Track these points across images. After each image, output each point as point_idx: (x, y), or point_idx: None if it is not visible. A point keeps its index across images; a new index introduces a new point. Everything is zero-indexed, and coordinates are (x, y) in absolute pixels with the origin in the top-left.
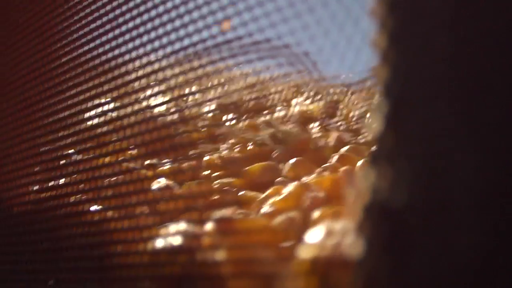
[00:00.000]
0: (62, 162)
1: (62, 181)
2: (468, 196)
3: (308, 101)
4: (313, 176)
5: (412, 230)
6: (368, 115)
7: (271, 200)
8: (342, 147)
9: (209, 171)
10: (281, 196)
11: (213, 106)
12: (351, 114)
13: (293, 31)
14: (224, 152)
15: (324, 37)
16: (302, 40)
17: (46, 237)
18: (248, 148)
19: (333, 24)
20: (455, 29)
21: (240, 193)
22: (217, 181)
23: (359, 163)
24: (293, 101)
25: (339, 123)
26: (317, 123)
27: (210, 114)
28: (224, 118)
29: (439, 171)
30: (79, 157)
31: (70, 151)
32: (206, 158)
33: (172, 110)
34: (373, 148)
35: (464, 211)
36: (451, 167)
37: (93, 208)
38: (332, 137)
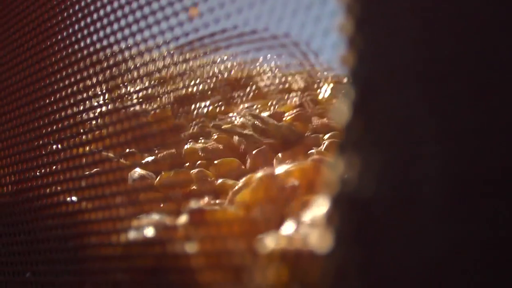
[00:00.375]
0: (38, 152)
1: (38, 172)
2: (437, 186)
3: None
4: (286, 165)
5: (381, 221)
6: (335, 103)
7: (243, 191)
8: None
9: (188, 162)
10: (251, 187)
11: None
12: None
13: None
14: (209, 143)
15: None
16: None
17: (22, 229)
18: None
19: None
20: (423, 13)
21: (217, 182)
22: (194, 170)
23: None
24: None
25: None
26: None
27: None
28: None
29: (407, 161)
30: (56, 147)
31: (47, 141)
32: (186, 147)
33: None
34: (341, 136)
35: (433, 202)
36: (420, 157)
37: (69, 199)
38: (317, 123)
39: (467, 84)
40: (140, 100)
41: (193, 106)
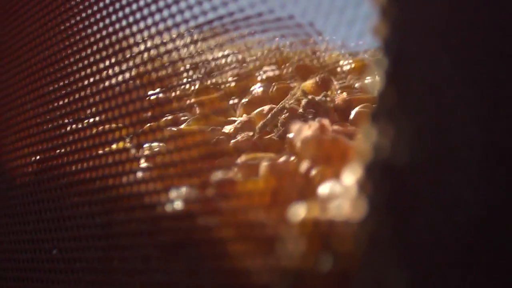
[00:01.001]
0: (62, 131)
1: (63, 150)
2: (473, 151)
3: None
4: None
5: (415, 188)
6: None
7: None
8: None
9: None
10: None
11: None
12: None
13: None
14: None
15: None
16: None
17: (48, 207)
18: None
19: None
20: None
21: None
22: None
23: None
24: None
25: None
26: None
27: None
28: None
29: (442, 126)
30: (80, 125)
31: (70, 119)
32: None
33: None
34: (374, 105)
35: (468, 167)
36: (455, 122)
37: (95, 176)
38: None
39: (501, 50)
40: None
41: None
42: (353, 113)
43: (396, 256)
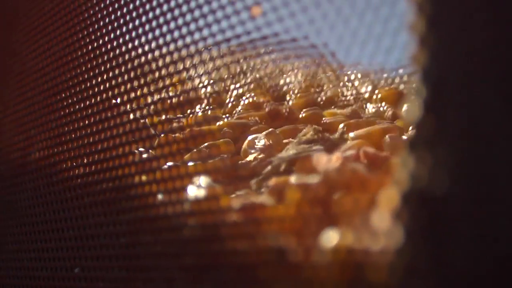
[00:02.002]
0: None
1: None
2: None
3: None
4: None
5: (452, 219)
6: (403, 101)
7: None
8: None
9: None
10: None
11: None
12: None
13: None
14: None
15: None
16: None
17: (71, 225)
18: None
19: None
20: (495, 9)
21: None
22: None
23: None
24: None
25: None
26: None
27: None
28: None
29: (481, 158)
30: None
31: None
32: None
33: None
34: (412, 133)
35: (508, 200)
36: (494, 154)
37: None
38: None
39: None
40: None
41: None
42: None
43: (432, 287)
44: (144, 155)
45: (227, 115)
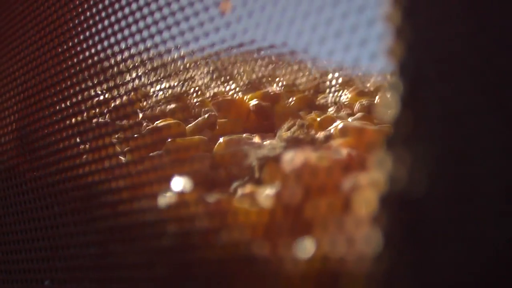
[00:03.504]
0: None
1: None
2: (495, 182)
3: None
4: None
5: (434, 221)
6: (377, 96)
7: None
8: None
9: None
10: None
11: None
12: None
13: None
14: None
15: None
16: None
17: (42, 235)
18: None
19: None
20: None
21: None
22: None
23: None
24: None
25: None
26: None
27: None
28: None
29: (462, 155)
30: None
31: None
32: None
33: None
34: (389, 131)
35: (490, 200)
36: (476, 150)
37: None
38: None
39: None
40: None
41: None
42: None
43: None
44: (114, 161)
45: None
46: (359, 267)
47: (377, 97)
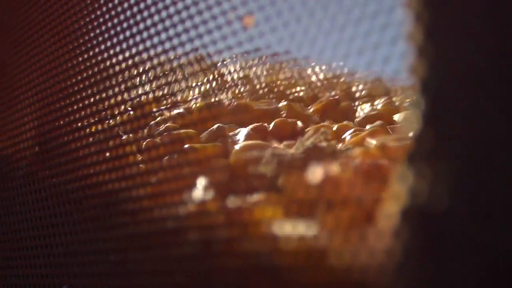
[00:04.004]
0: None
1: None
2: None
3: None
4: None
5: (454, 236)
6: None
7: None
8: None
9: None
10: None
11: None
12: None
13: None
14: None
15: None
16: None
17: (60, 242)
18: None
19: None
20: (494, 17)
21: None
22: None
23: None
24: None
25: None
26: None
27: None
28: None
29: (482, 172)
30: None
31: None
32: None
33: None
34: (411, 147)
35: (509, 215)
36: (496, 168)
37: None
38: None
39: None
40: None
41: None
42: None
43: None
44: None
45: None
46: (380, 279)
47: (398, 114)
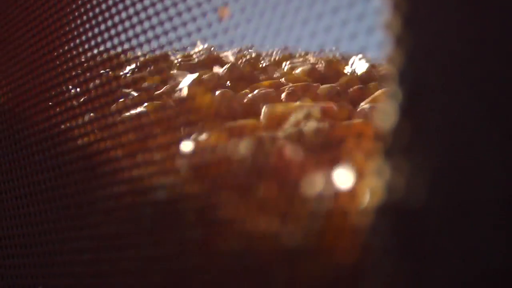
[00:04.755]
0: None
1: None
2: (495, 194)
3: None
4: None
5: (432, 233)
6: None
7: None
8: None
9: None
10: None
11: None
12: None
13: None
14: None
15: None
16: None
17: (35, 241)
18: None
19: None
20: (474, 8)
21: None
22: None
23: None
24: None
25: None
26: None
27: None
28: None
29: (462, 166)
30: None
31: None
32: None
33: None
34: (387, 141)
35: (490, 212)
36: (476, 161)
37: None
38: None
39: None
40: None
41: None
42: None
43: None
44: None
45: None
46: (355, 277)
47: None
